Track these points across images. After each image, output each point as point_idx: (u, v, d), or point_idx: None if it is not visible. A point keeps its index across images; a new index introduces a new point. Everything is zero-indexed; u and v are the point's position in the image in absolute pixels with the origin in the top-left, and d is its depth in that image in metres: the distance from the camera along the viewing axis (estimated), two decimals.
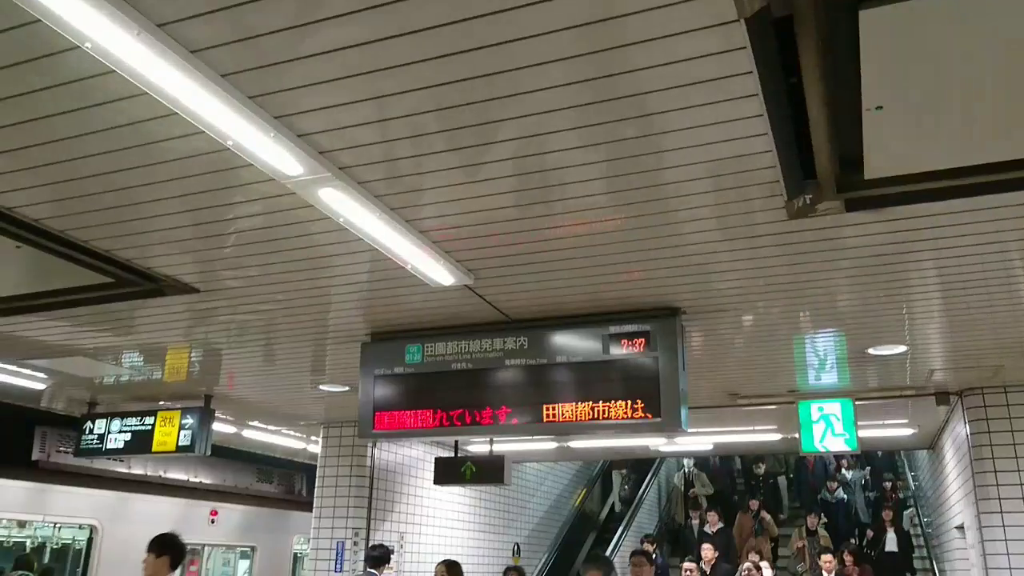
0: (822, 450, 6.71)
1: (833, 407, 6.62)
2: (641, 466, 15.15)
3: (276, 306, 4.63)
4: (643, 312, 4.49)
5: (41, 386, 6.80)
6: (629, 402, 4.36)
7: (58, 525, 8.38)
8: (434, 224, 3.47)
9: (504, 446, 8.81)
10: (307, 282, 4.22)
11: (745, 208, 3.28)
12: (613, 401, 4.40)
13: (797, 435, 8.13)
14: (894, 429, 8.44)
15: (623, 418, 4.38)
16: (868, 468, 13.60)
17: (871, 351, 5.39)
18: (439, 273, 3.89)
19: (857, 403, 6.59)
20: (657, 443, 9.82)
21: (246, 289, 4.33)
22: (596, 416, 4.44)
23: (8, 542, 8.34)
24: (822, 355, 5.67)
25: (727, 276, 4.06)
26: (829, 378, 6.36)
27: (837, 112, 2.56)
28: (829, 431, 6.61)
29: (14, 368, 6.13)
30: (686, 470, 14.77)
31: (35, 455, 8.27)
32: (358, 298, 4.51)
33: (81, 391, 7.18)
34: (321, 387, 6.78)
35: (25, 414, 8.08)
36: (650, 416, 4.32)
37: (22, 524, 8.21)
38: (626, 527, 13.45)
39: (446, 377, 4.80)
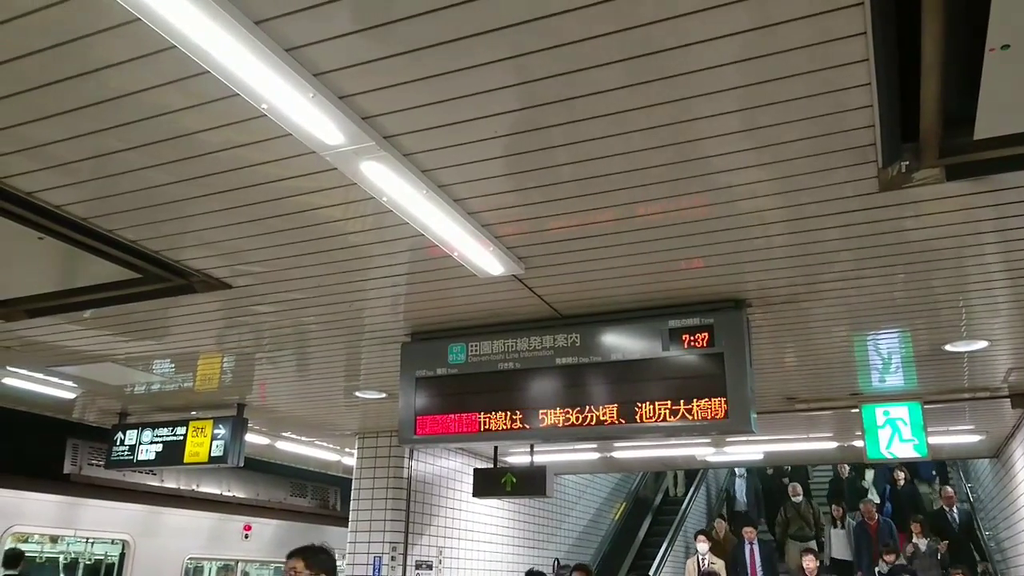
0: (889, 457, 6.30)
1: (900, 411, 6.22)
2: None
3: (311, 303, 4.37)
4: (706, 305, 4.16)
5: (71, 395, 6.61)
6: (693, 402, 4.03)
7: (90, 540, 8.18)
8: (485, 205, 3.18)
9: (544, 457, 8.49)
10: (343, 275, 3.95)
11: (828, 180, 2.95)
12: (675, 402, 4.07)
13: (855, 443, 7.73)
14: (959, 436, 7.99)
15: (686, 420, 4.04)
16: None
17: (948, 347, 5.00)
18: (488, 261, 3.60)
19: (925, 407, 6.19)
20: (705, 452, 9.43)
21: (280, 284, 4.08)
22: (656, 418, 4.11)
23: (41, 558, 8.17)
24: (891, 353, 5.29)
25: (798, 262, 3.73)
26: (895, 379, 5.96)
27: (952, 57, 2.24)
28: (896, 436, 6.20)
29: (42, 376, 5.93)
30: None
31: (67, 468, 8.10)
32: (398, 292, 4.23)
33: (112, 401, 6.99)
34: (357, 394, 6.52)
35: (56, 425, 7.91)
36: (717, 418, 3.98)
37: (54, 539, 8.02)
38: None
39: (492, 378, 4.50)
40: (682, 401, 4.06)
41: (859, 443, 6.71)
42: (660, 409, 4.10)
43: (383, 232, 3.44)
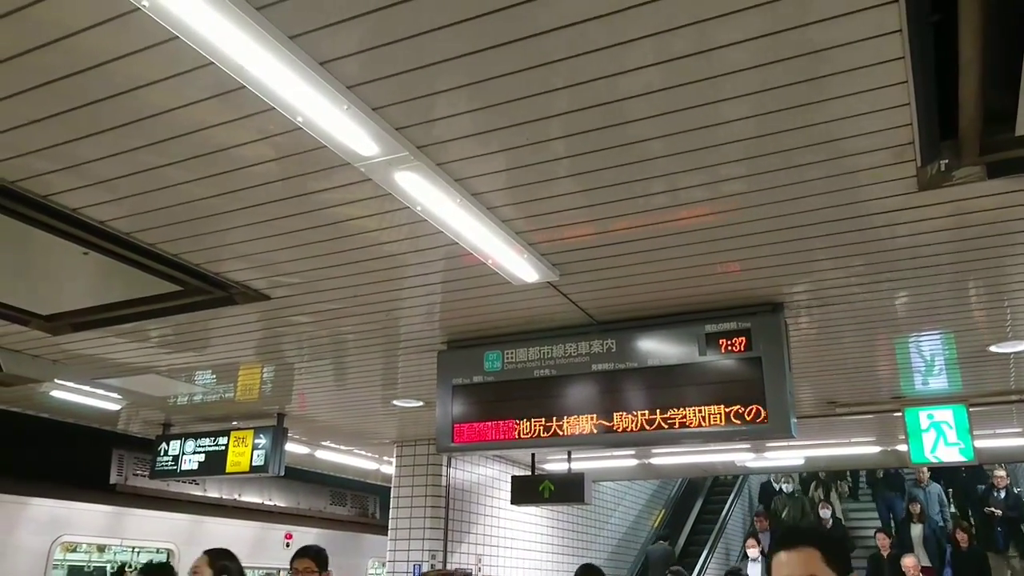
0: (934, 461, 6.16)
1: (944, 414, 6.08)
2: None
3: (348, 313, 4.41)
4: (742, 308, 4.12)
5: (116, 407, 6.74)
6: (731, 408, 3.99)
7: (136, 549, 8.32)
8: (518, 212, 3.19)
9: (582, 463, 8.46)
10: (379, 284, 3.98)
11: (866, 179, 2.91)
12: (713, 407, 4.03)
13: (899, 447, 7.60)
14: (1007, 439, 7.80)
15: (725, 425, 4.00)
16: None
17: (993, 348, 4.89)
18: (522, 268, 3.61)
19: (971, 410, 6.05)
20: (744, 458, 9.32)
21: (317, 295, 4.13)
22: (693, 424, 4.07)
23: (89, 567, 8.32)
24: (934, 355, 5.18)
25: (836, 264, 3.68)
26: (939, 382, 5.84)
27: (991, 52, 2.20)
28: (941, 440, 6.07)
29: (88, 388, 6.06)
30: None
31: (113, 478, 8.25)
32: (433, 301, 4.25)
33: (155, 412, 7.11)
34: (394, 403, 6.56)
35: (102, 436, 8.08)
36: (755, 422, 3.94)
37: (101, 548, 8.18)
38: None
39: (528, 385, 4.50)
40: (720, 406, 4.02)
41: (903, 447, 6.59)
42: (697, 415, 4.07)
43: (417, 241, 3.47)
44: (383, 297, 4.17)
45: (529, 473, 7.79)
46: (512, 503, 7.64)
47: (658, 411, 4.16)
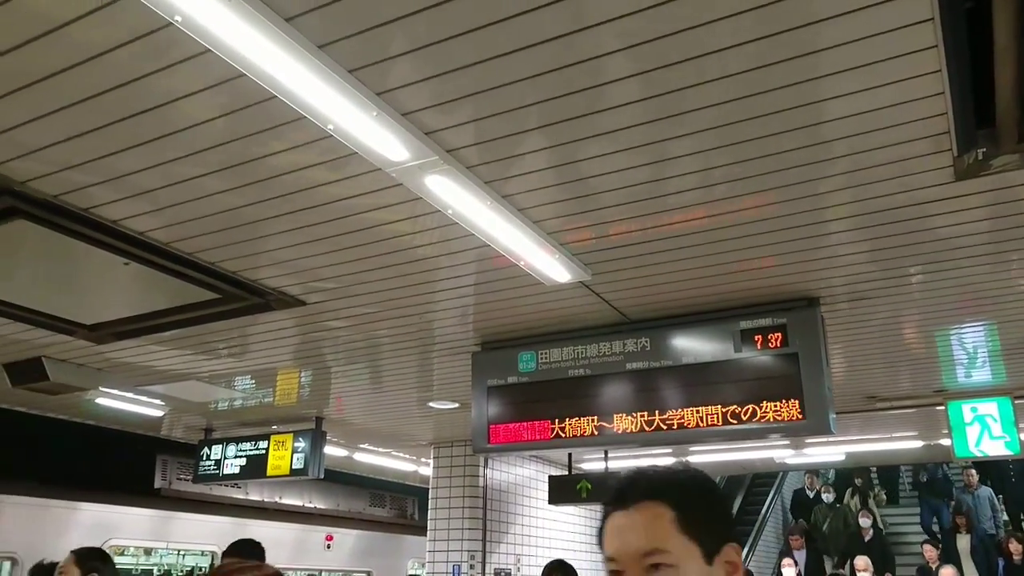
0: (979, 455, 6.05)
1: (989, 407, 5.96)
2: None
3: (382, 317, 4.45)
4: (778, 304, 4.08)
5: (159, 413, 6.88)
6: (768, 404, 3.95)
7: (181, 552, 8.48)
8: (548, 213, 3.20)
9: (619, 462, 8.43)
10: (412, 288, 4.01)
11: (902, 171, 2.87)
12: (750, 404, 4.00)
13: (942, 441, 7.47)
14: None
15: (761, 422, 3.97)
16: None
17: None
18: (554, 269, 3.61)
19: (1016, 402, 5.92)
20: (783, 455, 9.23)
21: (351, 299, 4.17)
22: (731, 421, 4.05)
23: (136, 570, 8.49)
24: (976, 347, 5.08)
25: (872, 257, 3.63)
26: (982, 375, 5.72)
27: None
28: (985, 434, 5.95)
29: (132, 395, 6.19)
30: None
31: (157, 483, 8.42)
32: (466, 303, 4.28)
33: (197, 417, 7.24)
34: (430, 404, 6.60)
35: (146, 442, 8.24)
36: (793, 419, 3.90)
37: (148, 551, 8.34)
38: None
39: (562, 385, 4.50)
40: (757, 403, 3.99)
41: (946, 441, 6.47)
42: (734, 412, 4.04)
43: (449, 244, 3.49)
44: (417, 300, 4.20)
45: (566, 473, 7.81)
46: (550, 503, 7.66)
47: (694, 409, 4.14)
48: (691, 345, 4.22)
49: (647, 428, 4.25)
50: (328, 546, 10.01)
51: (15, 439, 7.79)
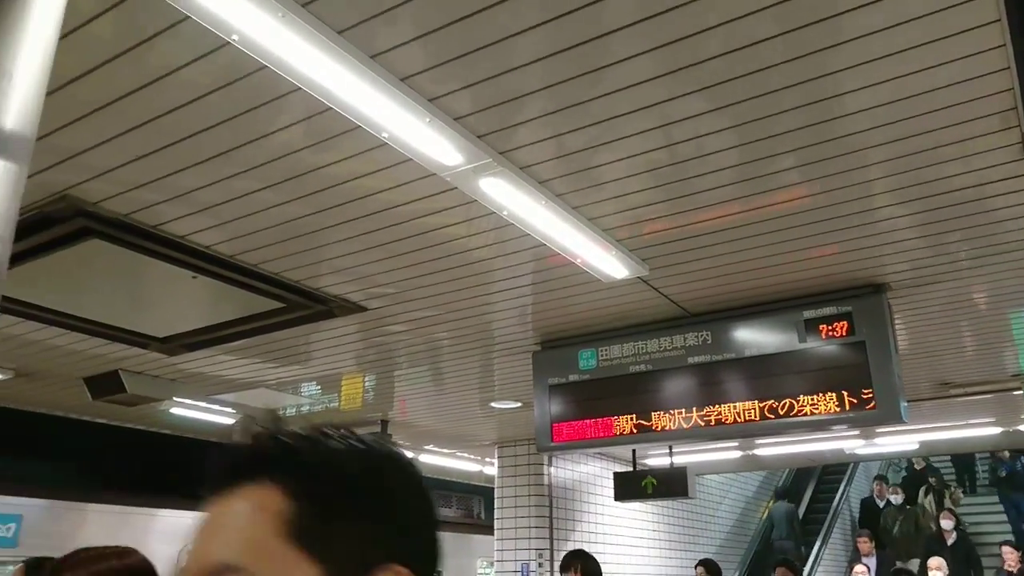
0: None
1: None
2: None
3: (441, 320, 4.50)
4: (842, 292, 4.00)
5: (231, 420, 7.06)
6: (836, 395, 3.87)
7: None
8: (604, 210, 3.19)
9: (684, 457, 8.35)
10: (470, 290, 4.05)
11: (968, 149, 2.79)
12: (816, 395, 3.93)
13: (1021, 427, 7.22)
14: None
15: (830, 413, 3.89)
16: None
17: None
18: (611, 265, 3.61)
19: None
20: (853, 445, 9.00)
21: (411, 304, 4.23)
22: (797, 413, 3.98)
23: None
24: None
25: (940, 240, 3.53)
26: None
27: None
28: None
29: (204, 405, 6.38)
30: None
31: None
32: (523, 303, 4.29)
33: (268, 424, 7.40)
34: (492, 405, 6.64)
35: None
36: (863, 409, 3.81)
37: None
38: None
39: (624, 381, 4.49)
40: (824, 394, 3.91)
41: None
42: (801, 403, 3.97)
43: (505, 245, 3.51)
44: (475, 302, 4.23)
45: (630, 469, 7.77)
46: (616, 499, 7.62)
47: (759, 401, 4.08)
48: (754, 337, 4.16)
49: (711, 422, 4.20)
50: None
51: (97, 451, 8.10)
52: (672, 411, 4.31)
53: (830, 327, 3.96)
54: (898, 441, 8.86)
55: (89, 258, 3.46)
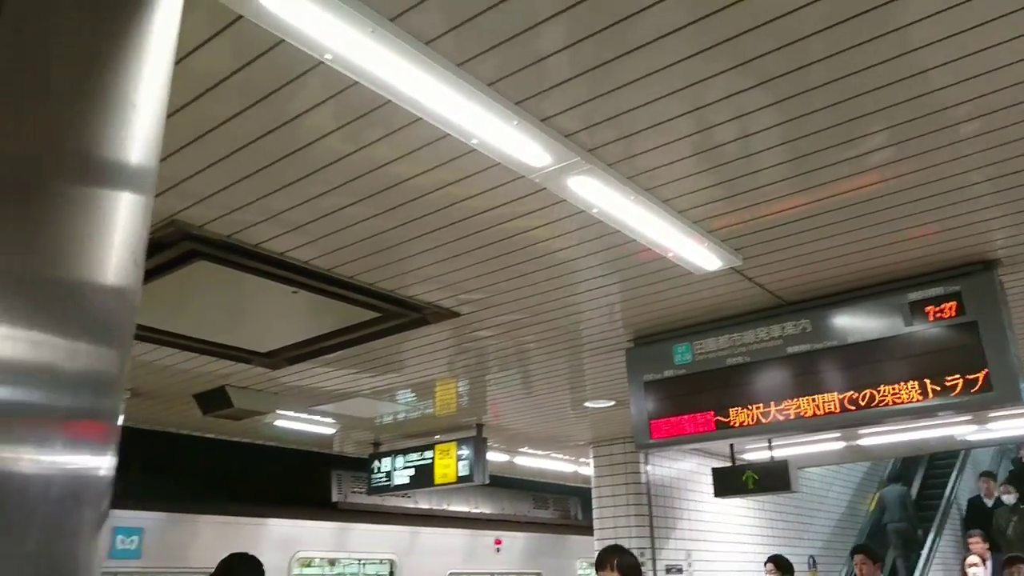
0: None
1: None
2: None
3: (532, 322, 4.52)
4: (949, 271, 3.83)
5: (331, 431, 7.27)
6: (948, 379, 3.71)
7: (362, 561, 8.90)
8: (694, 201, 3.15)
9: (784, 450, 8.15)
10: (558, 290, 4.06)
11: None
12: (927, 379, 3.77)
13: None
14: None
15: (941, 398, 3.73)
16: None
17: None
18: (703, 257, 3.55)
19: None
20: (964, 431, 8.60)
21: (502, 308, 4.26)
22: (906, 400, 3.83)
23: None
24: None
25: None
26: None
27: None
28: None
29: (306, 416, 6.58)
30: None
31: (334, 497, 8.88)
32: (613, 301, 4.27)
33: (365, 432, 7.60)
34: (586, 404, 6.62)
35: (321, 459, 8.72)
36: (977, 392, 3.64)
37: (331, 562, 8.81)
38: None
39: (721, 375, 4.41)
40: (935, 378, 3.75)
41: None
42: (910, 389, 3.82)
43: (593, 244, 3.50)
44: (564, 303, 4.23)
45: (729, 464, 7.63)
46: (716, 496, 7.50)
47: (865, 389, 3.94)
48: (856, 323, 4.03)
49: (815, 413, 4.09)
50: (498, 549, 10.23)
51: (207, 464, 8.46)
52: (773, 403, 4.21)
53: (938, 308, 3.80)
54: (1014, 425, 8.42)
55: (196, 279, 3.62)
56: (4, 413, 0.91)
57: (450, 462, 7.00)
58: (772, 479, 7.23)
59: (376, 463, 7.65)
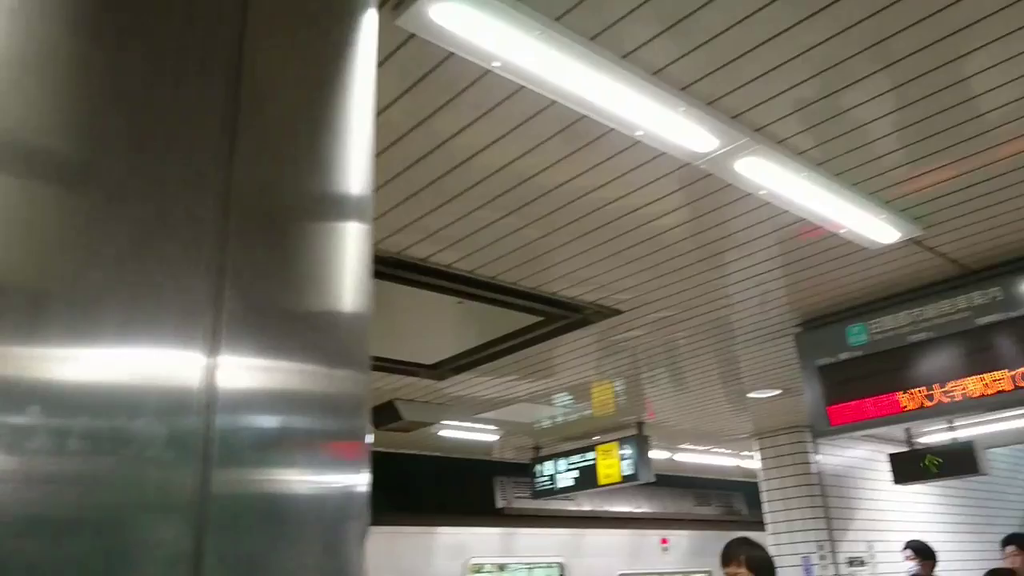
0: None
1: None
2: None
3: (692, 316, 4.42)
4: None
5: (493, 438, 7.38)
6: None
7: (530, 566, 8.99)
8: (869, 172, 2.98)
9: (967, 431, 7.60)
10: (720, 280, 3.95)
11: None
12: None
13: None
14: None
15: None
16: None
17: None
18: (880, 230, 3.36)
19: None
20: None
21: (661, 303, 4.19)
22: None
23: None
24: None
25: None
26: None
27: None
28: None
29: (469, 425, 6.71)
30: None
31: (499, 503, 9.01)
32: (779, 285, 4.11)
33: (525, 438, 7.67)
34: (749, 395, 6.42)
35: (484, 466, 8.88)
36: None
37: (501, 567, 8.95)
38: None
39: (903, 353, 4.14)
40: None
41: None
42: None
43: (758, 228, 3.38)
44: (726, 292, 4.12)
45: (906, 448, 7.20)
46: (896, 483, 7.10)
47: None
48: None
49: (1013, 386, 3.78)
50: (664, 549, 10.08)
51: (379, 477, 8.76)
52: (964, 379, 3.93)
53: None
54: None
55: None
56: (283, 438, 0.97)
57: (613, 462, 6.95)
58: (957, 462, 6.80)
59: (538, 467, 7.71)
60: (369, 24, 1.26)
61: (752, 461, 8.50)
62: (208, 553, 0.86)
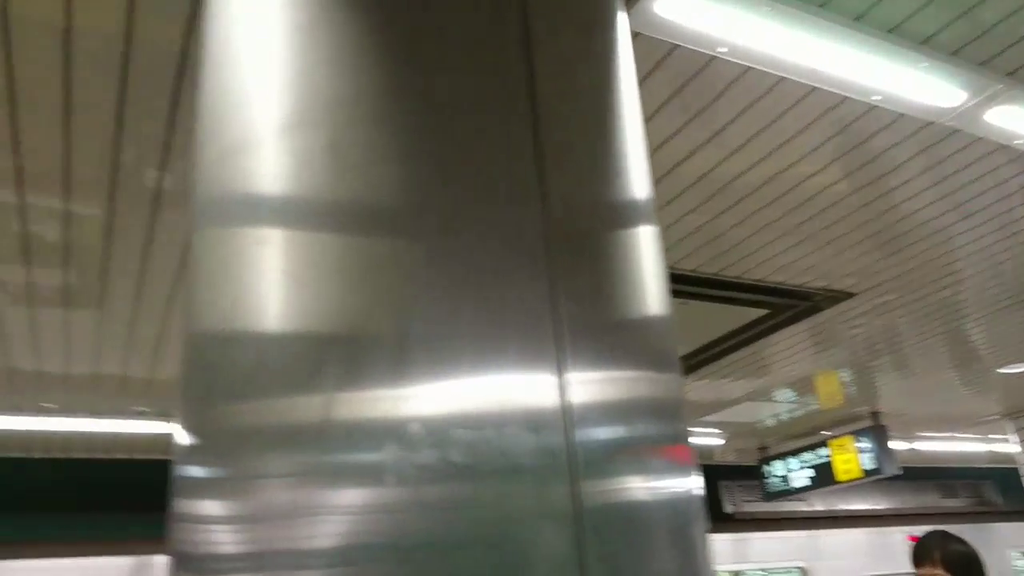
0: None
1: None
2: None
3: (932, 291, 4.08)
4: None
5: (719, 441, 7.19)
6: None
7: (770, 571, 8.63)
8: None
9: None
10: (966, 247, 3.61)
11: None
12: None
13: None
14: None
15: None
16: None
17: None
18: None
19: None
20: None
21: (896, 281, 3.90)
22: None
23: None
24: None
25: None
26: None
27: None
28: None
29: (694, 429, 6.58)
30: None
31: (726, 508, 8.75)
32: None
33: (748, 438, 7.40)
34: (999, 371, 5.83)
35: (706, 471, 8.67)
36: None
37: (736, 574, 8.66)
38: None
39: None
40: None
41: None
42: None
43: (1008, 184, 3.08)
44: (966, 263, 3.78)
45: None
46: None
47: None
48: None
49: None
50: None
51: None
52: None
53: None
54: None
55: None
56: (628, 446, 0.99)
57: (850, 456, 6.55)
58: None
59: (767, 468, 7.41)
60: (623, 29, 1.27)
61: (1006, 444, 7.73)
62: (590, 560, 0.89)
